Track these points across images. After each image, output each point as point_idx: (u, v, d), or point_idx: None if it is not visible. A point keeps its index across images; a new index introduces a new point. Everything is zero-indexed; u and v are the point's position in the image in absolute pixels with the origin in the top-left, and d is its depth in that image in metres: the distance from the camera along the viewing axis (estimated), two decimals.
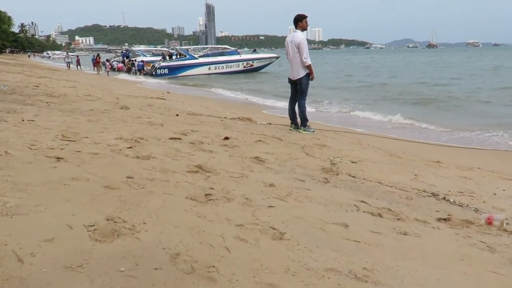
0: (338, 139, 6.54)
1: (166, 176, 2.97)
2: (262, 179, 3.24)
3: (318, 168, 3.99)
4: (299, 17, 6.96)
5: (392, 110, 11.63)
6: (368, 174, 4.00)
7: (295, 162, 4.20)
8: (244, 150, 4.55)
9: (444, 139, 7.99)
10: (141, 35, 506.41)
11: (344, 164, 4.41)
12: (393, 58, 66.22)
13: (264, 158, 4.17)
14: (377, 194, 3.21)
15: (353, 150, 5.47)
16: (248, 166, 3.72)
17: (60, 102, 7.61)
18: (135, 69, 33.89)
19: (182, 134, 5.19)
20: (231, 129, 6.24)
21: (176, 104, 10.28)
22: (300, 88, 7.06)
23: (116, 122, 5.59)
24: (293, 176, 3.54)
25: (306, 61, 6.84)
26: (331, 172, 3.87)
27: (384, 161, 4.90)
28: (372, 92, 17.36)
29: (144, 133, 4.91)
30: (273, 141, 5.47)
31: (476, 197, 3.50)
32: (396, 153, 5.73)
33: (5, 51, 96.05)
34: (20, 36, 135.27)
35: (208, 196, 2.56)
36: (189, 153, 4.02)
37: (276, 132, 6.52)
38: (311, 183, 3.34)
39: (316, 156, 4.70)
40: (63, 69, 34.99)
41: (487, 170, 5.07)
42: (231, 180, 3.11)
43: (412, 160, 5.20)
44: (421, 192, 3.48)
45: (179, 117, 7.02)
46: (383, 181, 3.74)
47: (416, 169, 4.59)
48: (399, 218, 2.58)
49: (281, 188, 3.03)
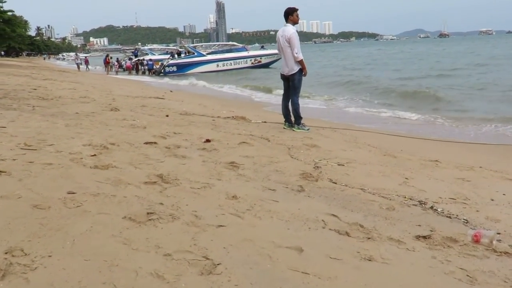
0: (333, 138, 6.18)
1: (115, 190, 2.68)
2: (227, 190, 2.92)
3: (297, 173, 3.65)
4: (289, 10, 6.60)
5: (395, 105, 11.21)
6: (352, 178, 3.65)
7: (274, 166, 3.87)
8: (222, 154, 4.24)
9: (454, 134, 7.57)
10: (153, 34, 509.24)
11: (329, 167, 4.06)
12: (400, 49, 64.96)
13: (240, 163, 3.85)
14: (355, 205, 2.86)
15: (344, 150, 5.11)
16: (218, 173, 3.41)
17: (49, 105, 7.40)
18: (143, 68, 33.80)
19: (161, 137, 4.90)
20: (219, 129, 5.94)
21: (173, 104, 10.02)
22: (292, 84, 6.72)
23: (96, 126, 5.33)
24: (265, 184, 3.21)
25: (298, 56, 6.49)
26: (310, 178, 3.53)
27: (375, 162, 4.54)
28: (373, 87, 16.84)
29: (120, 137, 4.64)
30: (259, 142, 5.14)
31: (469, 205, 3.12)
32: (392, 152, 5.34)
33: (22, 54, 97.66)
34: (37, 39, 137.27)
35: (150, 214, 2.26)
36: (158, 159, 3.73)
37: (267, 131, 6.19)
38: (282, 193, 3.01)
39: (301, 158, 4.36)
40: (73, 70, 35.17)
41: (490, 170, 4.67)
42: (190, 192, 2.81)
43: (407, 160, 4.82)
44: (407, 200, 3.11)
45: (167, 118, 6.75)
46: (367, 187, 3.38)
47: (409, 170, 4.21)
48: (369, 237, 2.23)
49: (243, 201, 2.71)
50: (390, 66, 28.28)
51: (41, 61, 72.65)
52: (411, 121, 9.41)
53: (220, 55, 33.22)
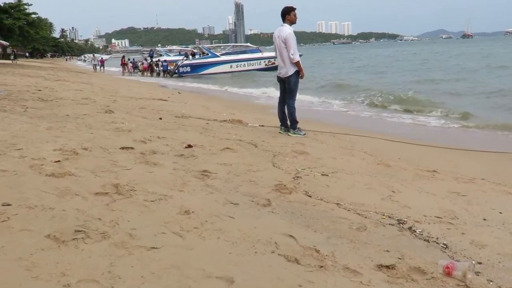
0: (328, 144, 5.88)
1: (57, 202, 2.47)
2: (182, 204, 2.68)
3: (272, 184, 3.38)
4: (286, 9, 6.33)
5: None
6: (331, 191, 3.35)
7: (249, 176, 3.61)
8: (199, 161, 4.00)
9: (466, 140, 7.16)
10: (173, 36, 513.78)
11: (310, 177, 3.77)
12: (415, 50, 63.58)
13: (213, 172, 3.60)
14: (321, 223, 2.58)
15: (334, 158, 4.81)
16: (183, 183, 3.17)
17: (45, 107, 7.29)
18: (158, 69, 33.90)
19: (142, 142, 4.69)
20: (208, 134, 5.70)
21: (174, 106, 9.85)
22: (288, 87, 6.44)
23: (79, 129, 5.16)
24: (230, 197, 2.95)
25: (294, 58, 6.21)
26: (284, 190, 3.26)
27: (365, 171, 4.22)
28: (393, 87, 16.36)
29: (98, 141, 4.45)
30: (245, 148, 4.89)
31: (456, 225, 2.79)
32: (388, 160, 5.02)
33: (46, 56, 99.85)
34: (61, 41, 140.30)
35: (78, 233, 2.03)
36: (125, 167, 3.51)
37: (259, 136, 5.93)
38: (244, 208, 2.74)
39: (284, 167, 4.09)
40: (90, 71, 35.56)
41: (493, 182, 4.30)
42: (140, 205, 2.57)
43: (401, 170, 4.49)
44: (384, 218, 2.81)
45: (159, 121, 6.54)
46: (344, 202, 3.09)
47: (399, 182, 3.89)
48: (322, 266, 1.95)
49: (195, 217, 2.46)
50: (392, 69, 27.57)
51: (63, 62, 74.01)
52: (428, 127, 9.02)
53: (234, 56, 33.10)
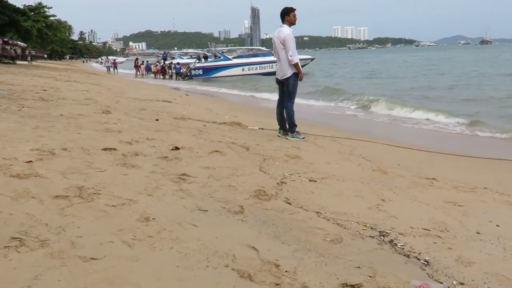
0: (326, 148, 5.65)
1: (8, 204, 2.31)
2: (146, 209, 2.49)
3: (252, 190, 3.17)
4: (286, 10, 6.13)
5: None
6: (315, 198, 3.13)
7: (230, 180, 3.41)
8: (181, 164, 3.82)
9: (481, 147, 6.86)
10: (189, 39, 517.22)
11: (296, 183, 3.56)
12: (437, 56, 62.58)
13: (193, 176, 3.42)
14: (293, 234, 2.36)
15: (328, 163, 4.58)
16: (155, 187, 2.99)
17: (43, 106, 7.21)
18: (171, 72, 33.97)
19: (128, 143, 4.54)
20: (201, 136, 5.52)
21: (177, 107, 9.71)
22: (287, 90, 6.24)
23: (67, 129, 5.03)
24: (201, 203, 2.76)
25: (293, 59, 6.01)
26: (263, 196, 3.05)
27: (357, 178, 3.99)
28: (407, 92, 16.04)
29: (81, 142, 4.31)
30: (235, 151, 4.69)
31: (444, 238, 2.55)
32: (386, 166, 4.77)
33: (65, 58, 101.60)
34: (79, 43, 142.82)
35: (13, 240, 1.86)
36: (99, 169, 3.35)
37: (254, 139, 5.73)
38: (212, 215, 2.55)
39: (271, 172, 3.88)
40: (104, 73, 35.86)
41: (496, 192, 4.03)
42: (98, 211, 2.40)
43: (398, 177, 4.24)
44: (366, 229, 2.58)
45: (155, 122, 6.40)
46: (325, 211, 2.86)
47: (392, 190, 3.65)
48: (277, 283, 1.74)
49: (154, 224, 2.27)
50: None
51: (79, 64, 74.99)
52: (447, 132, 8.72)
53: (246, 59, 32.99)
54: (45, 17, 55.74)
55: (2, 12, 30.28)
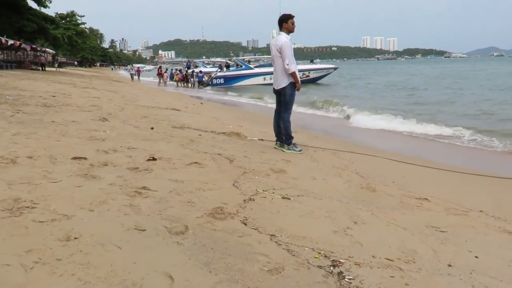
0: (320, 162, 5.37)
1: None
2: (75, 227, 2.30)
3: (211, 207, 2.94)
4: (284, 17, 5.93)
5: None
6: (277, 219, 2.87)
7: (194, 195, 3.19)
8: (148, 176, 3.63)
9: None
10: (218, 48, 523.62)
11: (266, 200, 3.30)
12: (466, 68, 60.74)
13: (152, 189, 3.22)
14: (228, 261, 2.11)
15: (313, 179, 4.30)
16: (102, 202, 2.80)
17: (39, 112, 7.17)
18: (193, 80, 34.18)
19: (104, 152, 4.39)
20: (189, 146, 5.34)
21: (183, 116, 9.61)
22: (283, 100, 6.01)
23: (48, 136, 4.92)
24: (144, 220, 2.54)
25: (289, 68, 5.78)
26: (220, 215, 2.81)
27: (339, 196, 3.69)
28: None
29: (53, 150, 4.18)
30: (217, 163, 4.47)
31: (406, 271, 2.24)
32: (379, 183, 4.46)
33: (96, 65, 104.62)
34: (109, 51, 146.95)
35: None
36: (54, 179, 3.19)
37: (245, 150, 5.51)
38: (148, 235, 2.32)
39: (244, 187, 3.63)
40: (127, 80, 36.49)
41: (492, 216, 3.66)
42: (20, 227, 2.21)
43: (386, 196, 3.92)
44: (318, 257, 2.30)
45: (149, 131, 6.26)
46: (282, 234, 2.60)
47: (372, 211, 3.34)
48: None
49: (74, 245, 2.07)
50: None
51: (108, 71, 76.67)
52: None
53: (267, 69, 32.78)
54: (75, 25, 57.51)
55: (31, 20, 31.33)
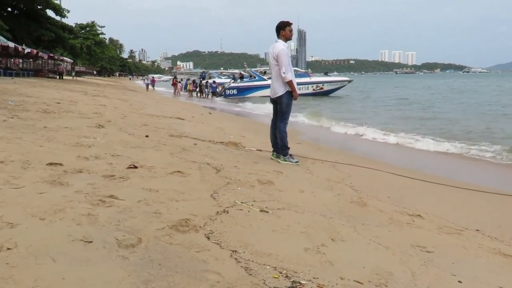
0: (314, 174, 5.15)
1: None
2: (14, 236, 2.13)
3: (177, 219, 2.74)
4: (281, 24, 5.77)
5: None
6: (246, 234, 2.66)
7: (163, 206, 3.00)
8: (121, 185, 3.46)
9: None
10: (236, 60, 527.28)
11: (242, 213, 3.09)
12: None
13: (120, 199, 3.04)
14: (172, 279, 1.91)
15: (301, 192, 4.08)
16: (60, 210, 2.63)
17: (35, 118, 7.05)
18: (207, 91, 34.26)
19: (85, 158, 4.26)
20: (179, 155, 5.17)
21: (185, 125, 9.47)
22: (280, 109, 5.83)
23: (31, 142, 4.79)
24: (97, 231, 2.36)
25: (286, 76, 5.60)
26: (184, 227, 2.61)
27: (323, 211, 3.46)
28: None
29: (30, 155, 4.05)
30: (202, 173, 4.29)
31: None
32: (372, 198, 4.21)
33: (114, 75, 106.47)
34: (128, 61, 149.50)
35: None
36: (16, 185, 3.04)
37: (237, 160, 5.32)
38: (93, 248, 2.14)
39: (222, 198, 3.43)
40: (142, 89, 36.79)
41: (488, 236, 3.39)
42: None
43: (376, 212, 3.67)
44: (277, 277, 2.08)
45: (138, 139, 6.13)
46: (246, 250, 2.38)
47: (354, 228, 3.10)
48: None
49: (3, 256, 1.90)
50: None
51: (125, 81, 77.63)
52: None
53: None
54: (94, 35, 58.65)
55: (49, 29, 31.99)
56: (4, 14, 30.25)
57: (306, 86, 32.48)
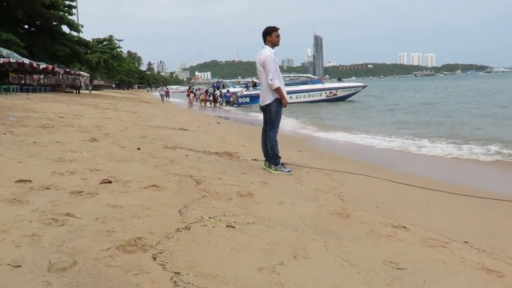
0: (303, 184, 4.95)
1: None
2: None
3: (128, 238, 2.59)
4: (268, 29, 5.59)
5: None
6: (198, 253, 2.48)
7: (121, 224, 2.85)
8: (87, 201, 3.34)
9: None
10: (253, 68, 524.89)
11: (205, 229, 2.92)
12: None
13: (77, 217, 2.91)
14: None
15: (280, 204, 3.88)
16: (4, 231, 2.51)
17: (30, 133, 7.03)
18: (221, 100, 34.29)
19: (60, 174, 4.16)
20: (163, 168, 5.03)
21: (186, 136, 9.36)
22: (269, 117, 5.65)
23: (11, 158, 4.72)
24: (30, 254, 2.22)
25: (273, 83, 5.42)
26: (132, 247, 2.46)
27: (296, 224, 3.26)
28: None
29: (4, 172, 3.99)
30: (180, 186, 4.14)
31: None
32: (359, 208, 3.98)
33: (133, 87, 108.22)
34: (146, 73, 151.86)
35: None
36: None
37: (223, 172, 5.16)
38: (18, 274, 2.00)
39: (189, 213, 3.27)
40: (156, 101, 37.08)
41: (476, 248, 3.12)
42: None
43: (357, 224, 3.45)
44: None
45: (128, 152, 6.03)
46: (191, 271, 2.21)
47: (326, 243, 2.89)
48: None
49: None
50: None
51: (143, 93, 78.74)
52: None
53: (293, 87, 32.56)
54: (111, 49, 59.52)
55: (64, 44, 32.68)
56: (21, 31, 31.05)
57: (319, 93, 32.22)
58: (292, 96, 31.75)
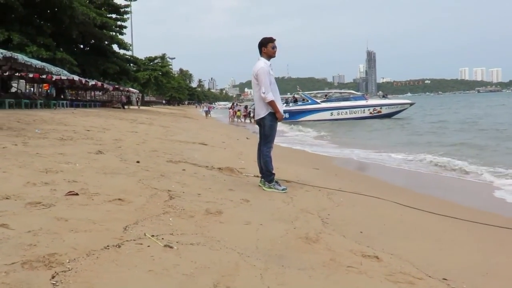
0: (291, 203, 4.66)
1: None
2: None
3: (45, 253, 2.42)
4: (263, 41, 5.38)
5: None
6: (108, 275, 2.25)
7: (53, 237, 2.69)
8: (37, 213, 3.23)
9: None
10: (302, 84, 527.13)
11: (137, 248, 2.70)
12: None
13: (11, 228, 2.79)
14: None
15: (246, 224, 3.59)
16: None
17: (44, 144, 7.26)
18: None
19: (33, 184, 4.12)
20: (147, 181, 4.89)
21: (202, 151, 9.24)
22: (263, 131, 5.40)
23: (3, 171, 4.81)
24: None
25: (266, 97, 5.19)
26: (38, 263, 2.28)
27: (247, 248, 2.95)
28: None
29: None
30: (147, 201, 3.96)
31: None
32: (334, 234, 3.63)
33: (184, 103, 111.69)
34: (197, 90, 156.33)
35: None
36: None
37: (209, 187, 4.94)
38: None
39: (135, 230, 3.06)
40: (197, 117, 37.69)
41: (460, 282, 2.66)
42: None
43: (321, 251, 3.11)
44: None
45: (124, 165, 5.97)
46: None
47: (263, 270, 2.57)
48: None
49: None
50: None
51: (191, 109, 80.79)
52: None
53: (335, 103, 31.97)
54: (162, 66, 61.86)
55: (114, 62, 34.31)
56: (75, 50, 32.98)
57: (363, 110, 31.34)
58: (333, 112, 31.23)
